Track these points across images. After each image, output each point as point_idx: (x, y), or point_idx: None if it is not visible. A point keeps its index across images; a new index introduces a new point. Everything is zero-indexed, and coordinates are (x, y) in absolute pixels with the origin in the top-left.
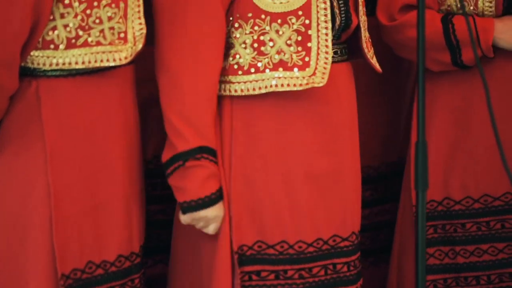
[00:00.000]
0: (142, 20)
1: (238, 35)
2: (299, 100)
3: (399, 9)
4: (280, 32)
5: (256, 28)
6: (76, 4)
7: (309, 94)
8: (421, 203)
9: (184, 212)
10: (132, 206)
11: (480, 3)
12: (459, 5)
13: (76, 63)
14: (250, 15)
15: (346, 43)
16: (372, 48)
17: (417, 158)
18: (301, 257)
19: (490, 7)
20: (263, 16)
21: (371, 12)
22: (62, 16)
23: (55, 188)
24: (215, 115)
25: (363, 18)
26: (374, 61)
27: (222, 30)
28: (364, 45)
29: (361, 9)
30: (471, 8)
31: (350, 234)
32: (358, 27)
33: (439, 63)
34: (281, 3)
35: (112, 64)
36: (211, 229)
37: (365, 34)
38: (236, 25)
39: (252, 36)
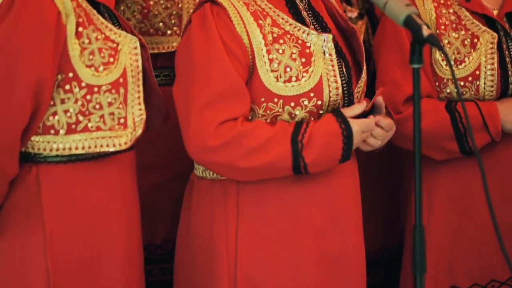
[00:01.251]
0: (142, 106)
1: (250, 118)
2: (303, 178)
3: (403, 101)
4: (293, 115)
5: (268, 112)
6: (77, 89)
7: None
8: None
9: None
10: None
11: (481, 88)
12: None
13: (76, 148)
14: (262, 99)
15: None
16: None
17: (415, 242)
18: None
19: (492, 91)
20: (275, 100)
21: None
22: (62, 101)
23: (54, 273)
24: None
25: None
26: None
27: None
28: None
29: (361, 91)
30: (472, 93)
31: None
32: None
33: (446, 151)
34: (293, 86)
35: (112, 149)
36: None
37: None
38: None
39: (265, 119)
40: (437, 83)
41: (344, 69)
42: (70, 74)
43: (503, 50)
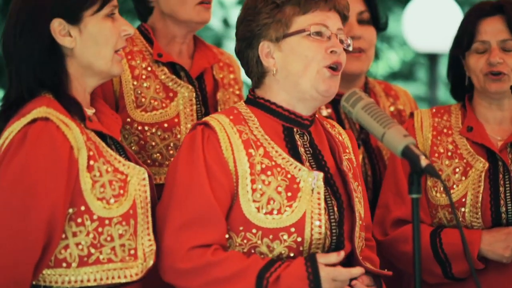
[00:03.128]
0: (152, 237)
1: (227, 245)
2: None
3: (391, 224)
4: (271, 248)
5: (245, 241)
6: (89, 222)
7: None
8: None
9: None
10: None
11: (467, 215)
12: (449, 218)
13: (88, 280)
14: (241, 228)
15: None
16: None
17: None
18: None
19: (477, 218)
20: (254, 231)
21: None
22: (74, 234)
23: None
24: None
25: (359, 244)
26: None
27: None
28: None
29: (357, 235)
30: (460, 219)
31: None
32: (352, 253)
33: (433, 275)
34: (273, 218)
35: (123, 281)
36: None
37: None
38: (226, 236)
39: (242, 249)
40: (430, 209)
41: (335, 208)
42: (82, 208)
43: (498, 180)
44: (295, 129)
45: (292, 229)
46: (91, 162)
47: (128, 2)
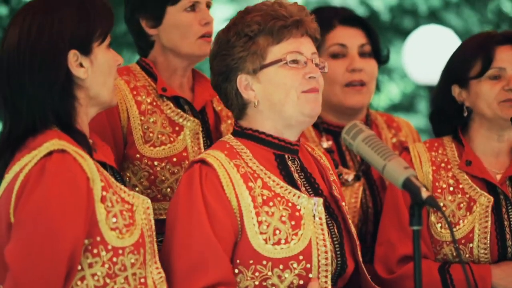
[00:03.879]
0: (159, 265)
1: (238, 280)
2: None
3: (397, 261)
4: (282, 278)
5: (257, 274)
6: (104, 253)
7: None
8: None
9: None
10: None
11: (475, 251)
12: (455, 254)
13: None
14: (251, 261)
15: None
16: None
17: None
18: None
19: (485, 253)
20: (264, 262)
21: (369, 260)
22: (90, 265)
23: None
24: None
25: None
26: None
27: None
28: None
29: (359, 254)
30: (467, 255)
31: None
32: (356, 271)
33: None
34: (282, 248)
35: None
36: None
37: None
38: (236, 271)
39: (254, 282)
40: (433, 245)
41: (336, 231)
42: (98, 238)
43: (501, 214)
44: (286, 156)
45: (301, 257)
46: (104, 193)
47: (129, 35)
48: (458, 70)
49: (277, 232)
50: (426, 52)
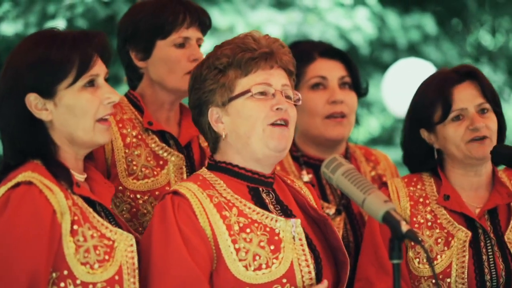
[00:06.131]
0: None
1: None
2: None
3: None
4: None
5: None
6: (72, 287)
7: None
8: None
9: None
10: None
11: (453, 285)
12: None
13: None
14: None
15: None
16: None
17: None
18: None
19: None
20: None
21: None
22: None
23: None
24: None
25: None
26: None
27: None
28: None
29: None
30: None
31: None
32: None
33: None
34: (263, 273)
35: None
36: None
37: None
38: None
39: None
40: (412, 280)
41: (316, 252)
42: (65, 272)
43: (480, 248)
44: (260, 189)
45: (284, 280)
46: (75, 227)
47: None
48: (422, 116)
49: (257, 257)
50: (405, 86)
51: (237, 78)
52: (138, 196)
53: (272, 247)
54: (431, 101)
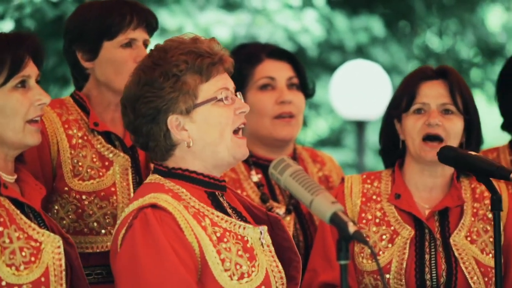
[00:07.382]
0: None
1: None
2: None
3: (318, 287)
4: None
5: None
6: None
7: None
8: None
9: None
10: None
11: (391, 282)
12: (374, 284)
13: None
14: None
15: None
16: None
17: None
18: None
19: (401, 285)
20: None
21: None
22: None
23: None
24: None
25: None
26: None
27: None
28: None
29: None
30: (386, 286)
31: None
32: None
33: None
34: (246, 282)
35: None
36: None
37: None
38: None
39: None
40: (357, 275)
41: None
42: None
43: (423, 248)
44: (217, 193)
45: (263, 287)
46: (0, 229)
47: (57, 69)
48: (393, 105)
49: (238, 266)
50: (353, 87)
51: (199, 84)
52: (84, 197)
53: (247, 255)
54: (402, 92)
